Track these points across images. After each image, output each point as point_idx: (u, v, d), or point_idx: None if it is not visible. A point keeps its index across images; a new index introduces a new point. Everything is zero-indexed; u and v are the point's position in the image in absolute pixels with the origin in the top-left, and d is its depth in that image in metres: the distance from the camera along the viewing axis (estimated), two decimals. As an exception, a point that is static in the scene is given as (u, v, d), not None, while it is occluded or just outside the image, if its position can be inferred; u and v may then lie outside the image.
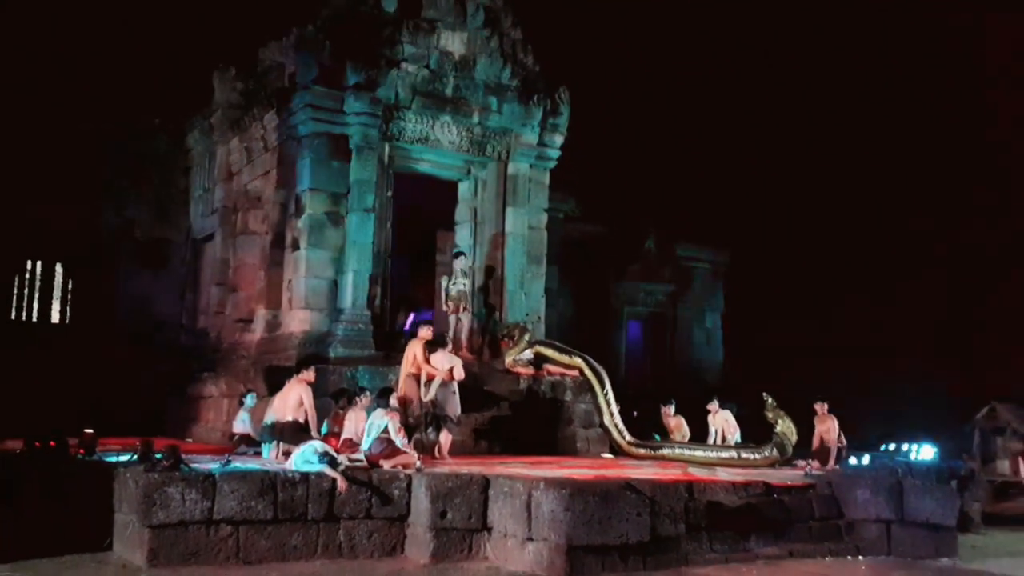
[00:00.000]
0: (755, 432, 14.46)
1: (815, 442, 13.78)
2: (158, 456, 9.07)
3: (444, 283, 15.65)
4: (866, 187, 31.99)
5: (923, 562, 9.82)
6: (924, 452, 16.11)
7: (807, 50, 31.38)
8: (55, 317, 19.38)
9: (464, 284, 15.55)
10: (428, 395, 11.94)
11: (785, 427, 13.51)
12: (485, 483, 9.27)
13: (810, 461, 13.14)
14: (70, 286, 19.49)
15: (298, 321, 14.93)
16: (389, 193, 15.71)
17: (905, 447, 17.32)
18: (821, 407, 13.92)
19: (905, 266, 31.21)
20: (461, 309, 15.49)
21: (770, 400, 13.74)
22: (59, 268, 19.44)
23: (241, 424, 12.69)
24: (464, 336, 15.50)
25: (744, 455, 13.40)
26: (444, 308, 15.63)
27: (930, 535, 10.20)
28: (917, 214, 30.68)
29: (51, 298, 19.39)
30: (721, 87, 33.28)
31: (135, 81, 21.62)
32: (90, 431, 10.83)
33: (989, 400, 21.00)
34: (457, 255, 15.84)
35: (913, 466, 13.68)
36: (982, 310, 29.31)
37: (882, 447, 17.81)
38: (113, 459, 9.76)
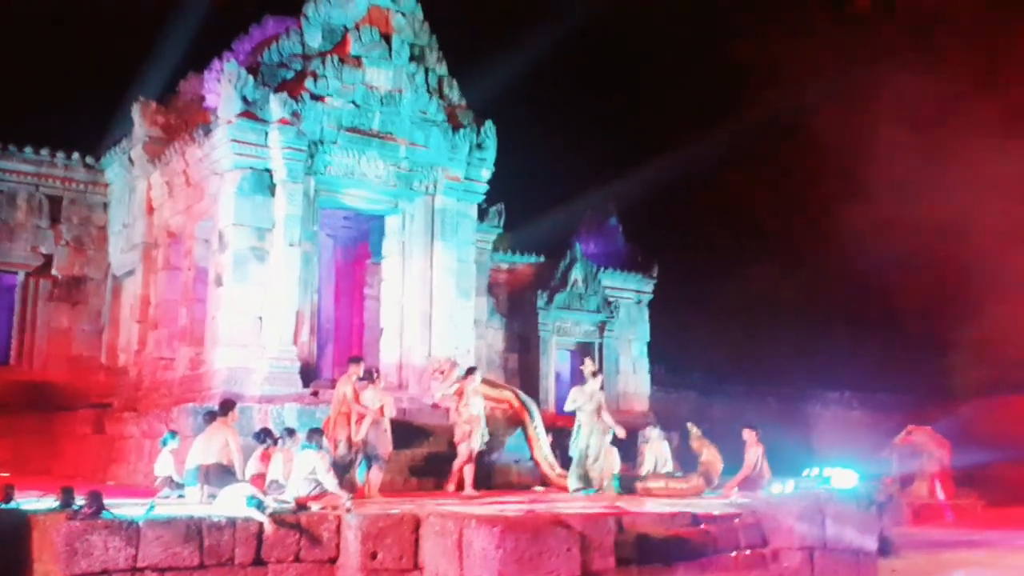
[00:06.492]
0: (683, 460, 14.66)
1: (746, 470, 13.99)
2: (79, 503, 8.81)
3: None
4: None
5: (846, 588, 10.04)
6: (845, 477, 16.43)
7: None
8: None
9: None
10: (359, 434, 11.82)
11: (710, 456, 13.75)
12: (416, 522, 9.20)
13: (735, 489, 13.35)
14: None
15: (222, 359, 14.66)
16: (315, 227, 15.61)
17: (827, 472, 17.65)
18: (750, 434, 14.16)
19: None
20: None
21: (695, 430, 13.98)
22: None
23: (164, 466, 12.38)
24: None
25: (672, 484, 13.58)
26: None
27: (852, 560, 10.41)
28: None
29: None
30: (641, 115, 33.86)
31: (50, 113, 21.15)
32: (6, 475, 10.47)
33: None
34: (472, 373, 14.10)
35: (835, 492, 13.98)
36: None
37: (804, 473, 18.13)
38: (32, 506, 9.44)
